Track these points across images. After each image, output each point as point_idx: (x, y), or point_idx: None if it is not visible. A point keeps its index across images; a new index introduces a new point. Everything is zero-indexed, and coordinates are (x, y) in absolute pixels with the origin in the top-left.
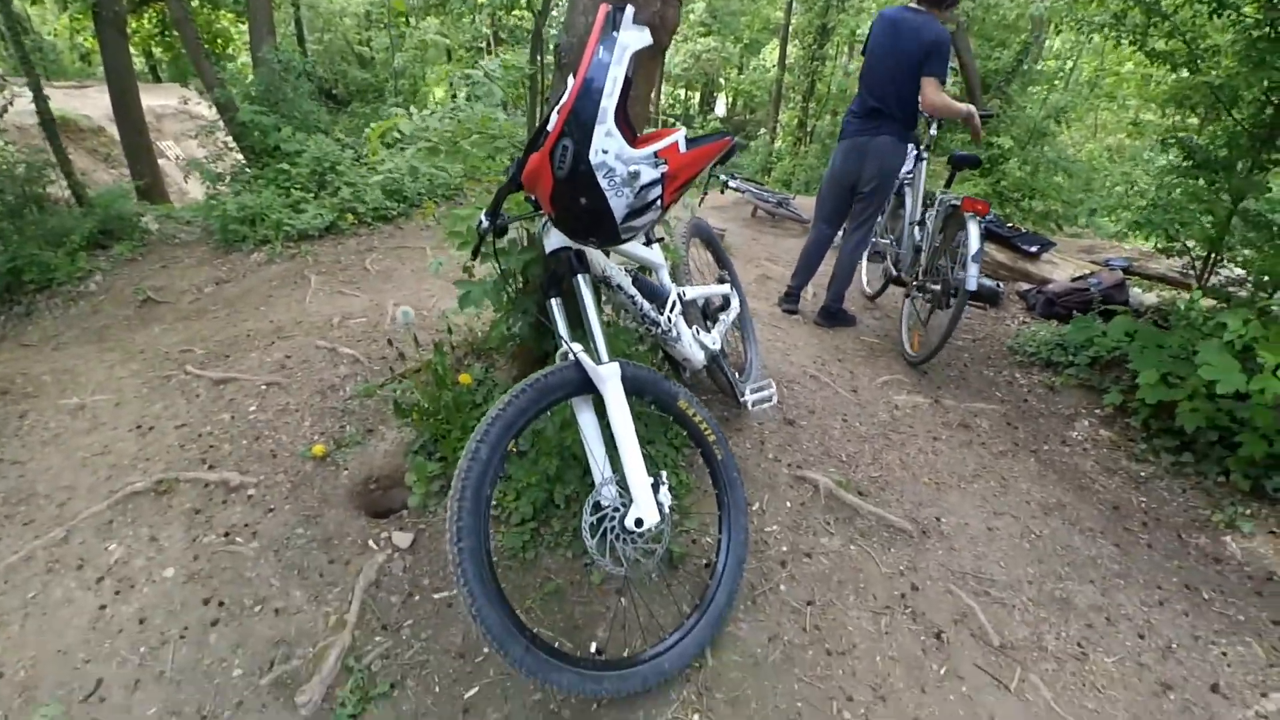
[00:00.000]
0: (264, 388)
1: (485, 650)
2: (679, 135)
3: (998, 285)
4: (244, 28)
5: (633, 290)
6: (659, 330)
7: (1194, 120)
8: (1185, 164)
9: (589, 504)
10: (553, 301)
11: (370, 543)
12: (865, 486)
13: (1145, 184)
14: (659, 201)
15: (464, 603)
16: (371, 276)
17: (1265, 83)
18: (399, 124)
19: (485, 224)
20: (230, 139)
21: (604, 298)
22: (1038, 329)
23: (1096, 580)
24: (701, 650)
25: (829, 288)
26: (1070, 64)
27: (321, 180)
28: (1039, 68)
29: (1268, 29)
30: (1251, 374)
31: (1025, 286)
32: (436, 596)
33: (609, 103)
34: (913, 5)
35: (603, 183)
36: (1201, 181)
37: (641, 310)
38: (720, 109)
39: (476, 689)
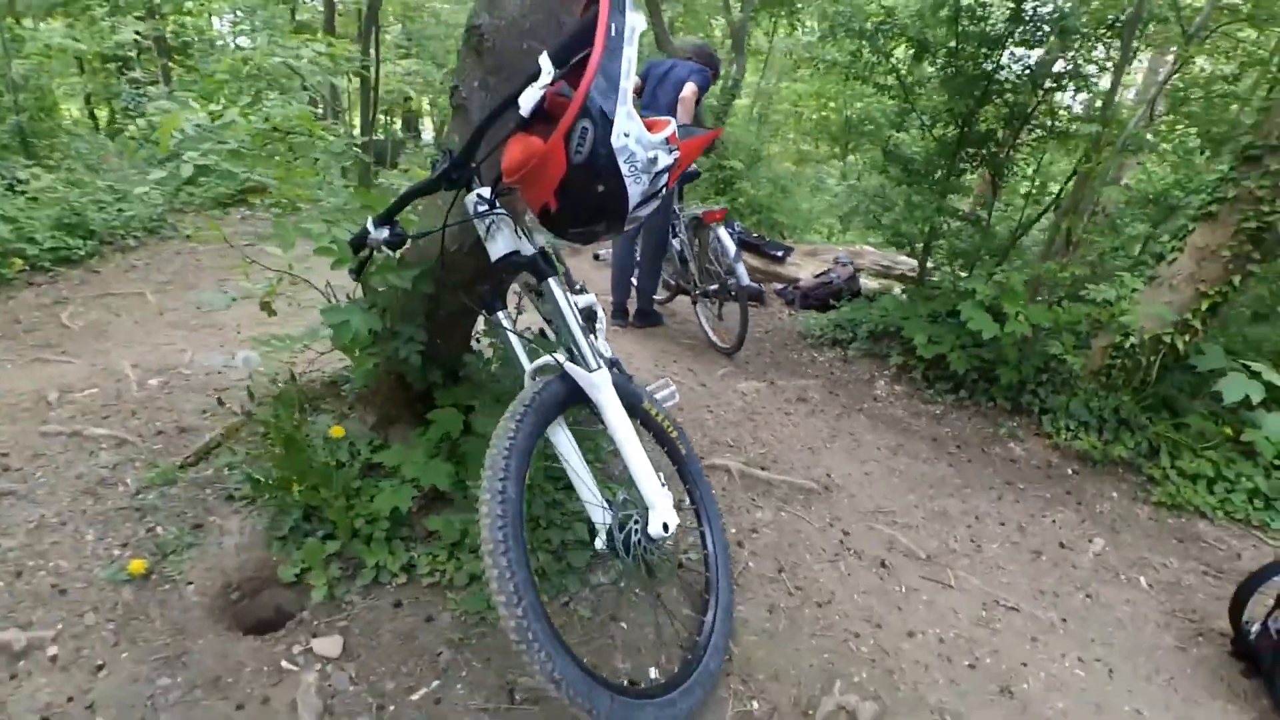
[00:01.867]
0: None
1: None
2: (673, 125)
3: (759, 286)
4: None
5: None
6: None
7: (836, 151)
8: (901, 173)
9: (613, 526)
10: (501, 315)
11: (283, 664)
12: (762, 462)
13: (834, 199)
14: (664, 189)
15: (540, 669)
16: (76, 334)
17: (959, 109)
18: (181, 120)
19: (383, 236)
20: None
21: (520, 305)
22: (809, 317)
23: (953, 493)
24: (727, 640)
25: (637, 294)
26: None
27: None
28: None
29: (953, 70)
30: (1002, 323)
31: (779, 285)
32: (415, 698)
33: (626, 84)
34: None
35: (624, 168)
36: (914, 187)
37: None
38: (428, 134)
39: None
